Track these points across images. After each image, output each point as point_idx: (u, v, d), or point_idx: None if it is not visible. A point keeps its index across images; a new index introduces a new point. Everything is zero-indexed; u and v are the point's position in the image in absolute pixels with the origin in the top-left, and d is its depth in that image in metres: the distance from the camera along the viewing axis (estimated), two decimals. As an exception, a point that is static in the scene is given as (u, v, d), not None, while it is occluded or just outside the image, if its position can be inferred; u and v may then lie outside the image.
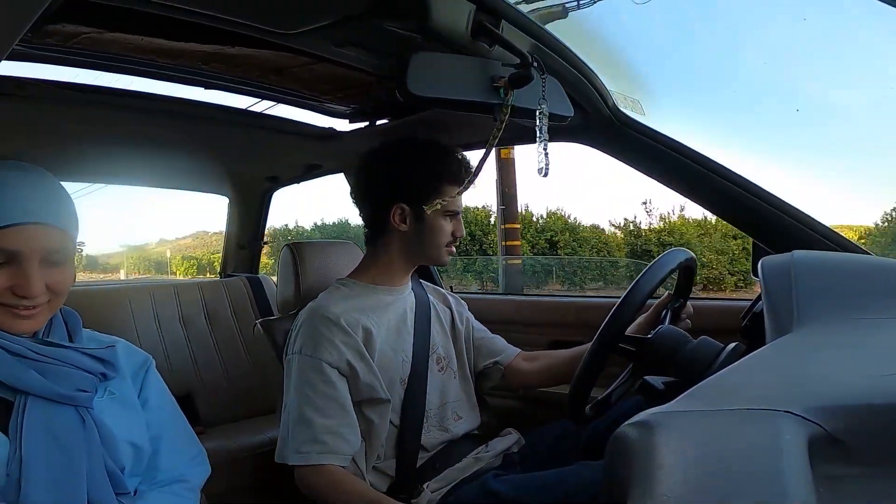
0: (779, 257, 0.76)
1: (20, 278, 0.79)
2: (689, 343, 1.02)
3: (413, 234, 1.28)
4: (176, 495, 0.96)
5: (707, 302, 1.51)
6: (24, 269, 0.80)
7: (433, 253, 1.30)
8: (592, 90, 1.19)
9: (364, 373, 1.18)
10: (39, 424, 0.80)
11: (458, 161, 1.29)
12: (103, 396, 0.91)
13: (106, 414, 0.88)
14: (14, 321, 0.82)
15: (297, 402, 1.16)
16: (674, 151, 1.23)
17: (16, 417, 0.79)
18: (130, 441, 0.91)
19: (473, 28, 0.91)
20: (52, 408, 0.82)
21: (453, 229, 1.29)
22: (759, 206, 1.19)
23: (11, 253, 0.79)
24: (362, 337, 1.20)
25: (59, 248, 0.84)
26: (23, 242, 0.79)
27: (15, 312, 0.81)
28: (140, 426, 0.95)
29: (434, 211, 1.24)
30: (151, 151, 1.80)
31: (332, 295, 1.27)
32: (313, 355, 1.16)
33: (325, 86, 1.43)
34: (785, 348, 0.60)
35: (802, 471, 0.34)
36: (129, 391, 0.97)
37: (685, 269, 1.12)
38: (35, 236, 0.81)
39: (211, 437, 1.73)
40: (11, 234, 0.79)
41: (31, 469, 0.77)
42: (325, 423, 1.13)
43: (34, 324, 0.85)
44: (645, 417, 0.42)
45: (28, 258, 0.80)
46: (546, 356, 1.43)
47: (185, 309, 2.11)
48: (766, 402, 0.42)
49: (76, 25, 1.05)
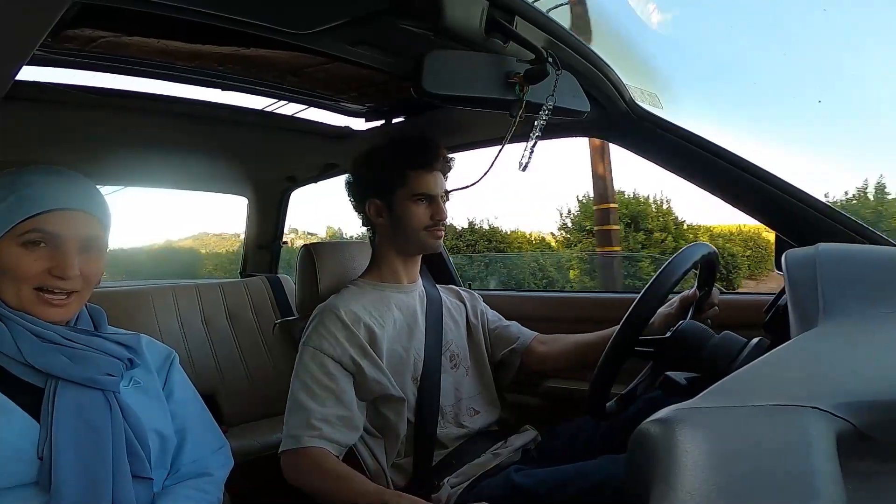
0: (803, 250, 0.74)
1: (58, 260, 0.85)
2: (712, 338, 1.00)
3: (391, 226, 1.32)
4: (200, 490, 0.98)
5: (729, 296, 1.49)
6: (63, 251, 0.86)
7: (414, 239, 1.32)
8: (608, 84, 1.18)
9: (371, 370, 1.20)
10: (69, 409, 0.83)
11: (422, 147, 1.32)
12: (129, 385, 0.94)
13: (131, 401, 0.92)
14: (47, 309, 0.86)
15: (296, 389, 1.20)
16: (693, 145, 1.22)
17: (47, 402, 0.83)
18: (155, 429, 0.93)
19: (487, 25, 0.90)
20: (80, 392, 0.86)
21: (431, 213, 1.31)
22: (782, 198, 1.16)
23: (52, 235, 0.85)
24: (365, 335, 1.22)
25: (95, 236, 0.90)
26: (64, 226, 0.86)
27: (49, 300, 0.86)
28: (164, 417, 0.97)
29: (402, 198, 1.29)
30: (171, 153, 1.82)
31: (343, 295, 1.30)
32: (317, 347, 1.20)
33: (341, 85, 1.44)
34: (811, 343, 0.59)
35: (831, 468, 0.33)
36: (154, 383, 1.00)
37: (706, 263, 1.11)
38: (75, 221, 0.87)
39: (233, 435, 1.75)
40: (54, 218, 0.85)
41: (61, 452, 0.80)
42: (320, 411, 1.16)
43: (65, 313, 0.89)
44: (667, 414, 0.41)
45: (67, 241, 0.86)
46: (564, 338, 1.43)
47: (206, 309, 2.14)
48: (793, 398, 0.41)
49: (94, 30, 1.06)
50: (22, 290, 0.85)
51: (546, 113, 0.99)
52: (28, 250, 0.85)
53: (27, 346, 0.84)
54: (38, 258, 0.85)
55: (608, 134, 1.33)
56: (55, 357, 0.85)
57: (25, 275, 0.85)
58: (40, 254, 0.85)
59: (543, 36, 0.99)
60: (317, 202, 5.74)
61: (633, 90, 1.24)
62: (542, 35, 0.99)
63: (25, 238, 0.84)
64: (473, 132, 1.59)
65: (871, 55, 14.69)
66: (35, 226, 0.85)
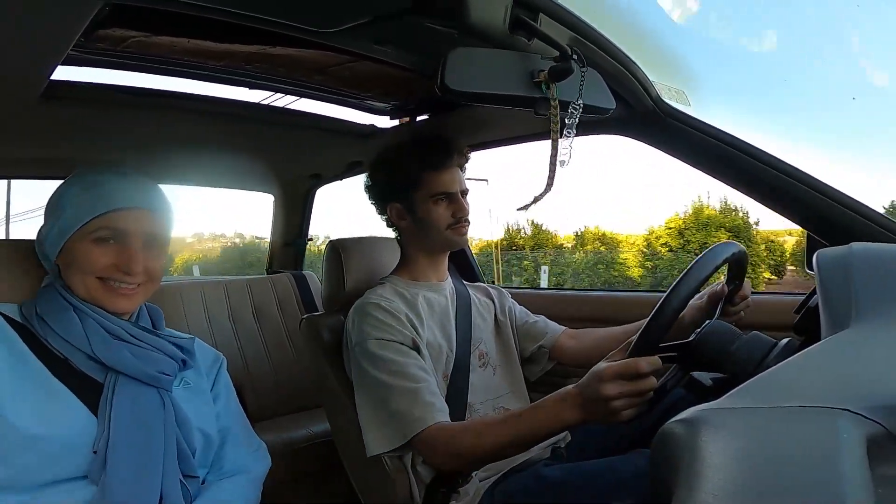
0: (836, 250, 0.73)
1: (125, 255, 0.90)
2: (739, 339, 0.98)
3: (415, 227, 1.34)
4: (240, 486, 1.01)
5: (758, 296, 1.46)
6: (129, 247, 0.91)
7: (438, 238, 1.33)
8: (634, 81, 1.16)
9: (423, 356, 1.20)
10: (126, 405, 0.86)
11: (435, 147, 1.32)
12: (179, 385, 0.97)
13: (181, 401, 0.94)
14: (115, 298, 0.91)
15: (381, 384, 1.14)
16: (722, 142, 1.19)
17: (105, 397, 0.85)
18: (201, 429, 0.96)
19: (511, 22, 0.90)
20: (137, 388, 0.88)
21: (453, 210, 1.31)
22: (814, 196, 1.13)
23: (120, 231, 0.91)
24: (409, 325, 1.22)
25: (158, 233, 0.95)
26: (130, 223, 0.91)
27: (117, 290, 0.91)
28: (210, 417, 1.00)
29: (422, 200, 1.30)
30: (200, 151, 1.85)
31: (377, 290, 1.30)
32: (379, 338, 1.18)
33: (366, 83, 1.45)
34: (842, 344, 0.57)
35: (861, 471, 0.32)
36: (203, 384, 1.03)
37: (735, 262, 1.08)
38: (140, 219, 0.92)
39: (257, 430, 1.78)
40: (121, 216, 0.91)
41: (116, 448, 0.82)
42: (420, 387, 1.12)
43: (131, 304, 0.94)
44: (692, 414, 0.40)
45: (133, 237, 0.91)
46: (593, 332, 1.42)
47: (233, 305, 2.18)
48: (822, 400, 0.40)
49: (125, 29, 1.09)
50: (88, 281, 0.90)
51: (578, 111, 0.98)
52: (98, 246, 0.90)
53: (97, 340, 0.87)
54: (105, 253, 0.90)
55: (634, 132, 1.31)
56: (121, 352, 0.89)
57: (93, 267, 0.89)
58: (108, 249, 0.90)
59: (568, 33, 0.98)
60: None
61: (659, 87, 1.23)
62: (566, 32, 0.98)
63: (96, 235, 0.90)
64: (498, 129, 1.59)
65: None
66: (105, 223, 0.90)
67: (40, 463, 0.78)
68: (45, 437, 0.78)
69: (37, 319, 0.88)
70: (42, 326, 0.87)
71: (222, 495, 0.96)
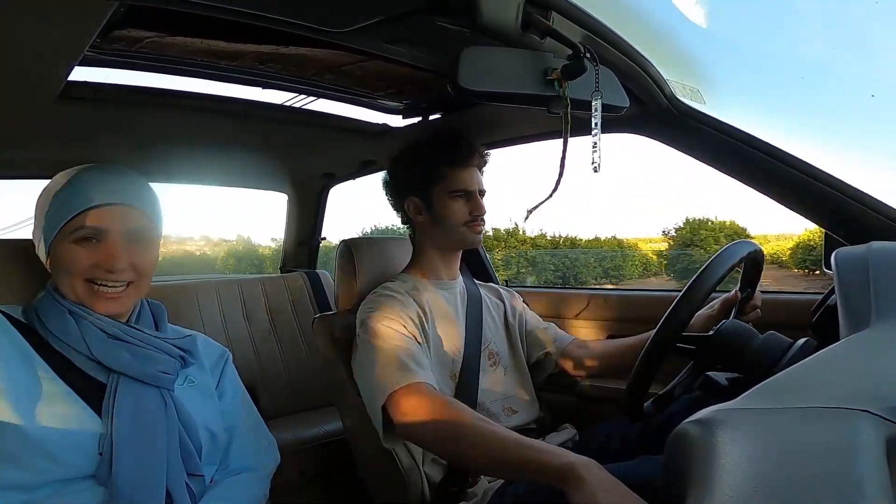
0: (855, 249, 0.71)
1: (105, 253, 0.89)
2: (756, 338, 0.97)
3: (431, 222, 1.34)
4: (247, 483, 1.01)
5: (775, 296, 1.44)
6: (109, 244, 0.89)
7: (454, 235, 1.33)
8: (648, 79, 1.15)
9: (425, 347, 1.20)
10: (129, 405, 0.86)
11: (458, 144, 1.33)
12: (183, 384, 0.97)
13: (185, 399, 0.94)
14: (101, 302, 0.90)
15: (372, 353, 1.14)
16: (737, 140, 1.18)
17: (108, 398, 0.85)
18: (206, 427, 0.96)
19: (524, 21, 0.89)
20: (140, 389, 0.88)
21: (470, 208, 1.32)
22: (832, 195, 1.11)
23: (98, 230, 0.89)
24: (417, 316, 1.23)
25: (141, 228, 0.94)
26: (108, 220, 0.90)
27: (103, 294, 0.90)
28: (216, 414, 1.00)
29: (440, 195, 1.31)
30: (215, 151, 1.87)
31: (388, 284, 1.31)
32: (381, 316, 1.18)
33: (379, 82, 1.45)
34: (861, 344, 0.56)
35: (879, 473, 0.31)
36: (208, 381, 1.03)
37: (751, 261, 1.07)
38: (119, 216, 0.91)
39: (270, 428, 1.79)
40: (98, 214, 0.89)
41: (120, 448, 0.82)
42: (405, 350, 1.12)
43: (118, 306, 0.92)
44: (707, 414, 0.40)
45: (113, 234, 0.90)
46: (602, 344, 1.43)
47: (248, 303, 2.19)
48: (841, 401, 0.39)
49: (140, 30, 1.10)
50: (75, 283, 0.89)
51: (596, 110, 0.97)
52: (80, 246, 0.89)
53: (94, 342, 0.87)
54: (87, 253, 0.89)
55: (648, 130, 1.30)
56: (120, 353, 0.88)
57: (77, 268, 0.88)
58: (90, 248, 0.89)
59: (580, 31, 0.98)
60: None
61: (673, 85, 1.21)
62: (578, 30, 0.97)
63: (76, 235, 0.89)
64: (511, 128, 1.59)
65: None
66: (83, 222, 0.89)
67: (49, 464, 0.78)
68: (52, 438, 0.79)
69: (38, 322, 0.88)
70: (43, 329, 0.88)
71: (227, 494, 0.96)
